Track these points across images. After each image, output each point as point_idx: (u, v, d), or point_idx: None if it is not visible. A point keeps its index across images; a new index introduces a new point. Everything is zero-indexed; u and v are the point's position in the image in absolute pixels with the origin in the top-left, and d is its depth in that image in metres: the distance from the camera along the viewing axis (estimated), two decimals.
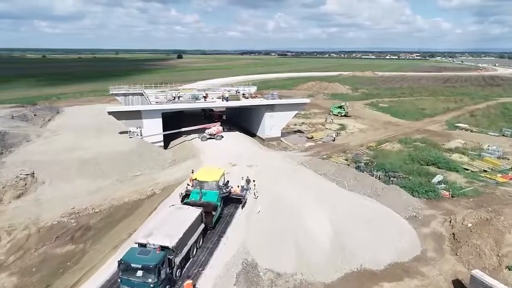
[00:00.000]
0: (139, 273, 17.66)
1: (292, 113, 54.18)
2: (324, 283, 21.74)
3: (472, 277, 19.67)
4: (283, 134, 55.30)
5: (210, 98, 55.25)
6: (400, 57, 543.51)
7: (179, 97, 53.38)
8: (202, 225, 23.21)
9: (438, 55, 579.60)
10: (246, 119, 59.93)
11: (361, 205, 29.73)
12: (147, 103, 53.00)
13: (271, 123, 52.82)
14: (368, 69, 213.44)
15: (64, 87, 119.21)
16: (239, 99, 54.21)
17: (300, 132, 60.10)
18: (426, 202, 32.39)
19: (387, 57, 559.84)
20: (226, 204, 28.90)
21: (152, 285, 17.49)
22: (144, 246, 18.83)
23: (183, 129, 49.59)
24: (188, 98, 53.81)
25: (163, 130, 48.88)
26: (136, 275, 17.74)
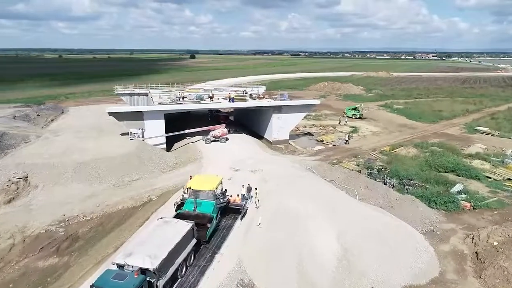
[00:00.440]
0: None
1: (301, 114, 51.64)
2: None
3: None
4: (291, 137, 52.81)
5: (216, 98, 53.13)
6: (416, 58, 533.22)
7: (183, 98, 51.40)
8: (194, 240, 20.96)
9: (455, 56, 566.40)
10: (254, 120, 57.68)
11: (373, 218, 27.06)
12: (151, 103, 51.21)
13: (279, 125, 50.39)
14: (383, 69, 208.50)
15: (75, 86, 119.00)
16: (246, 100, 51.90)
17: (310, 134, 57.49)
18: (444, 214, 29.49)
19: (403, 57, 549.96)
20: (224, 214, 26.62)
21: None
22: (122, 267, 16.65)
23: (186, 131, 47.61)
24: (192, 98, 51.78)
25: (167, 132, 47.06)
26: None
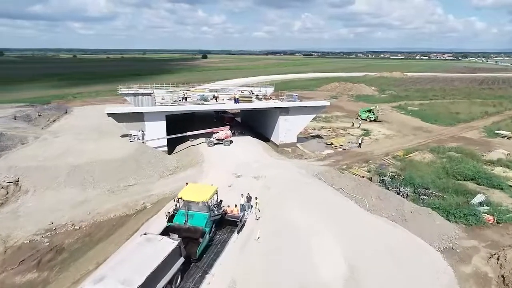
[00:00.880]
0: None
1: (310, 116, 49.07)
2: None
3: None
4: (299, 140, 50.31)
5: (220, 99, 51.03)
6: (431, 58, 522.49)
7: (186, 98, 49.39)
8: (181, 259, 18.74)
9: (471, 56, 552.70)
10: (260, 122, 55.38)
11: (384, 233, 24.53)
12: (153, 104, 49.39)
13: (286, 128, 47.97)
14: (397, 69, 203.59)
15: (84, 86, 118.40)
16: (251, 101, 49.58)
17: (319, 137, 54.84)
18: (465, 229, 26.66)
19: (417, 57, 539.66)
20: (220, 227, 24.32)
21: None
22: None
23: (188, 133, 45.57)
24: (196, 99, 49.74)
25: (169, 134, 45.16)
26: None
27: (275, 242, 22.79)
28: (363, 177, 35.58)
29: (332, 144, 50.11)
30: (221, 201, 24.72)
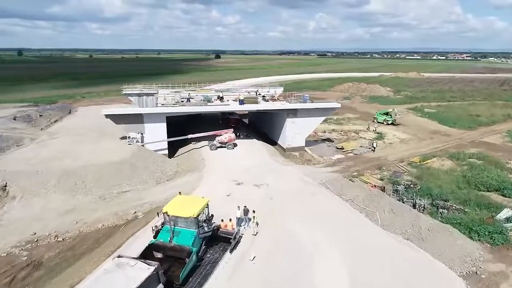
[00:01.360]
0: None
1: (319, 119, 46.24)
2: None
3: None
4: (308, 143, 47.55)
5: (225, 100, 48.65)
6: (448, 58, 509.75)
7: (189, 99, 47.15)
8: (160, 286, 16.28)
9: (491, 56, 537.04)
10: (268, 125, 52.80)
11: (398, 253, 21.65)
12: (154, 105, 47.35)
13: (294, 131, 45.27)
14: (413, 69, 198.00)
15: (95, 86, 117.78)
16: (257, 102, 46.99)
17: (330, 140, 51.93)
18: (490, 249, 23.50)
19: (434, 57, 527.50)
20: (211, 244, 21.72)
21: None
22: None
23: (190, 136, 43.28)
24: (199, 100, 47.45)
25: (173, 135, 43.15)
26: None
27: (273, 263, 20.19)
28: (375, 186, 32.62)
29: (343, 148, 47.19)
30: (212, 216, 22.14)
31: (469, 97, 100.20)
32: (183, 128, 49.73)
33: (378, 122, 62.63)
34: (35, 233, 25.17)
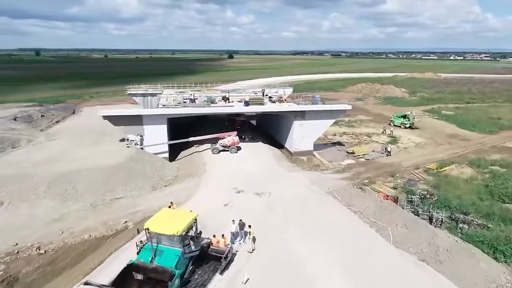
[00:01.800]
0: None
1: (328, 121, 43.65)
2: None
3: None
4: (317, 147, 45.03)
5: (231, 101, 46.48)
6: (466, 58, 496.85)
7: (192, 100, 45.13)
8: None
9: (511, 56, 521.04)
10: (275, 127, 50.46)
11: (412, 277, 19.00)
12: (156, 105, 45.55)
13: (301, 134, 42.79)
14: (429, 70, 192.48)
15: (105, 86, 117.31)
16: (263, 104, 44.67)
17: (340, 144, 49.20)
18: None
19: (451, 57, 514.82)
20: (201, 263, 19.42)
21: None
22: None
23: (191, 139, 41.21)
24: (203, 101, 45.43)
25: (176, 137, 41.37)
26: None
27: (269, 286, 17.85)
28: (387, 196, 29.92)
29: (354, 153, 44.44)
30: (200, 232, 19.86)
31: (489, 99, 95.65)
32: (188, 130, 47.95)
33: (394, 125, 59.29)
34: (17, 244, 23.47)
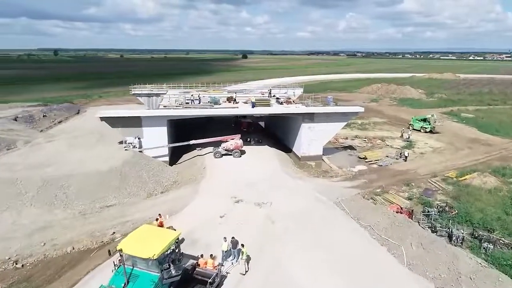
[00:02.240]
0: None
1: (339, 125, 40.89)
2: None
3: None
4: (326, 151, 42.47)
5: (238, 102, 44.27)
6: (487, 58, 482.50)
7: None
8: None
9: None
10: (283, 130, 47.99)
11: None
12: (157, 106, 43.65)
13: (310, 138, 40.24)
14: (448, 70, 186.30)
15: (115, 86, 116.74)
16: (269, 105, 42.26)
17: (351, 148, 46.41)
18: None
19: (471, 57, 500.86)
20: (185, 287, 17.07)
21: None
22: None
23: (192, 142, 39.06)
24: (206, 101, 43.31)
25: (180, 139, 39.49)
26: None
27: None
28: (401, 209, 27.10)
29: (366, 158, 41.61)
30: (182, 254, 17.51)
31: None
32: (193, 132, 46.01)
33: (413, 129, 55.62)
34: None
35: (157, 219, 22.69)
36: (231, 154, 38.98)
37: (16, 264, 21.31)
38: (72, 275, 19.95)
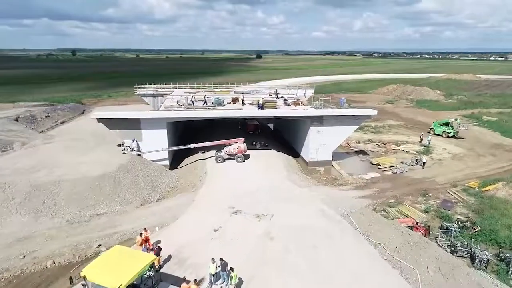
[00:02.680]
0: None
1: (350, 128, 38.23)
2: None
3: None
4: (337, 155, 39.99)
5: (245, 103, 42.15)
6: (508, 58, 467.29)
7: (195, 102, 41.01)
8: None
9: None
10: (291, 133, 45.63)
11: None
12: (157, 107, 41.80)
13: (318, 142, 37.75)
14: (468, 71, 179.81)
15: (126, 85, 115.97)
16: (275, 107, 39.87)
17: (364, 153, 43.63)
18: None
19: (492, 58, 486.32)
20: None
21: None
22: None
23: (193, 145, 36.98)
24: (210, 102, 41.24)
25: (184, 142, 37.73)
26: None
27: None
28: (416, 224, 24.37)
29: (379, 164, 38.80)
30: (159, 280, 15.30)
31: None
32: (198, 134, 44.15)
33: (435, 134, 52.09)
34: None
35: (141, 234, 20.60)
36: (233, 159, 36.76)
37: None
38: None
